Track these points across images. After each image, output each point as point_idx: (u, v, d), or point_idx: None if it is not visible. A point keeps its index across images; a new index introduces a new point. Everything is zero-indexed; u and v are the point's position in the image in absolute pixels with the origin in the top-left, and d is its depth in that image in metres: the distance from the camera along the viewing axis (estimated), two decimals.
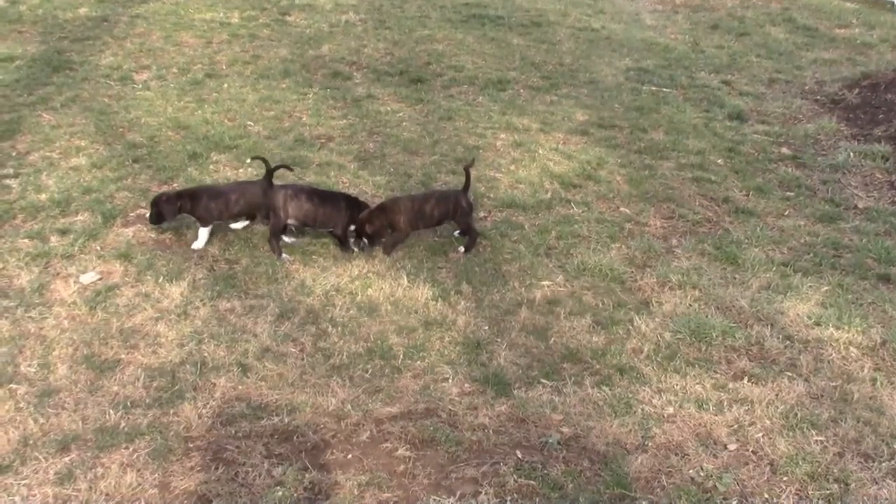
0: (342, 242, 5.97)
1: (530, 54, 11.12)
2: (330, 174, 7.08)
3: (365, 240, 5.89)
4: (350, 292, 5.48)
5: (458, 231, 6.21)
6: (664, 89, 10.04)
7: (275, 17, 12.03)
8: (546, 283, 5.75)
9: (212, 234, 6.04)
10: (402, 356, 4.89)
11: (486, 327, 5.21)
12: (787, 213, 7.03)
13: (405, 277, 5.64)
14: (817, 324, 5.32)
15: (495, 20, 12.75)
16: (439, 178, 7.22)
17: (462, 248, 6.05)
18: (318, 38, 11.17)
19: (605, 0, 15.41)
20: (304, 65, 10.01)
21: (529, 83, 9.93)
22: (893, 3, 16.43)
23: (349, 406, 4.44)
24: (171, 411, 4.34)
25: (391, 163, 7.45)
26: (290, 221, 5.90)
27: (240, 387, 4.56)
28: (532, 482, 3.98)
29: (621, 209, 6.90)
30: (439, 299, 5.45)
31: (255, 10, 12.28)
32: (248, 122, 8.13)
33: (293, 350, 4.89)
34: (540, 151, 7.86)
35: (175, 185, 6.76)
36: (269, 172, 5.93)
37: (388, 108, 8.80)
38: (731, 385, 4.72)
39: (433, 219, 6.02)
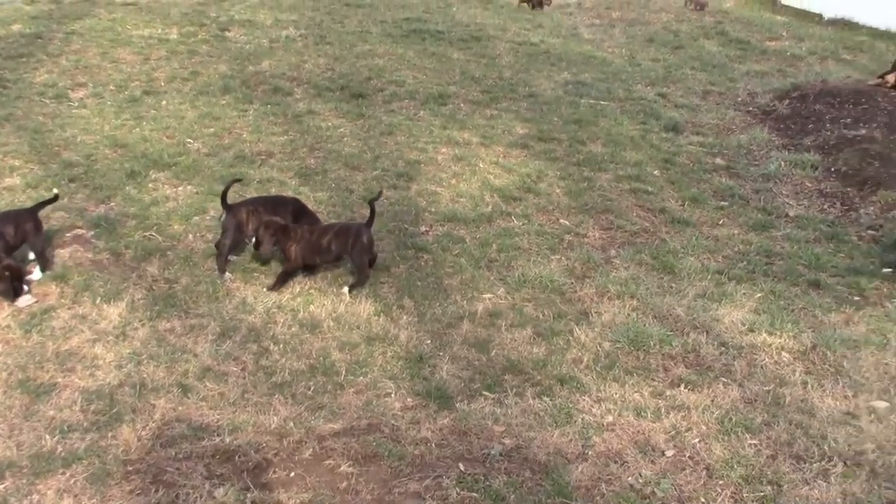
0: None
1: (470, 69, 11.23)
2: (271, 191, 7.05)
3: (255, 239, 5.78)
4: (292, 309, 5.47)
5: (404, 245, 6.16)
6: (602, 102, 10.22)
7: (214, 33, 11.97)
8: (487, 295, 5.80)
9: (150, 254, 5.99)
10: (344, 372, 4.89)
11: (429, 341, 5.24)
12: (721, 222, 7.20)
13: (347, 294, 5.65)
14: (751, 330, 5.46)
15: (435, 35, 12.86)
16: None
17: (347, 288, 5.71)
18: (258, 53, 11.13)
19: (544, 15, 15.65)
20: (244, 81, 9.97)
21: (470, 97, 10.03)
22: (822, 15, 16.94)
23: (291, 424, 4.43)
24: (110, 434, 4.28)
25: (332, 178, 7.46)
26: (250, 236, 5.89)
27: (180, 407, 4.52)
28: (475, 494, 4.01)
29: (561, 221, 7.00)
30: (381, 314, 5.47)
31: (194, 26, 12.20)
32: (188, 140, 8.07)
33: (234, 369, 4.87)
34: (480, 165, 7.93)
35: (112, 204, 6.69)
36: (225, 191, 5.90)
37: (329, 124, 8.81)
38: (668, 392, 4.81)
39: (330, 254, 5.75)
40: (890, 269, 6.43)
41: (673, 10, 16.77)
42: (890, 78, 10.31)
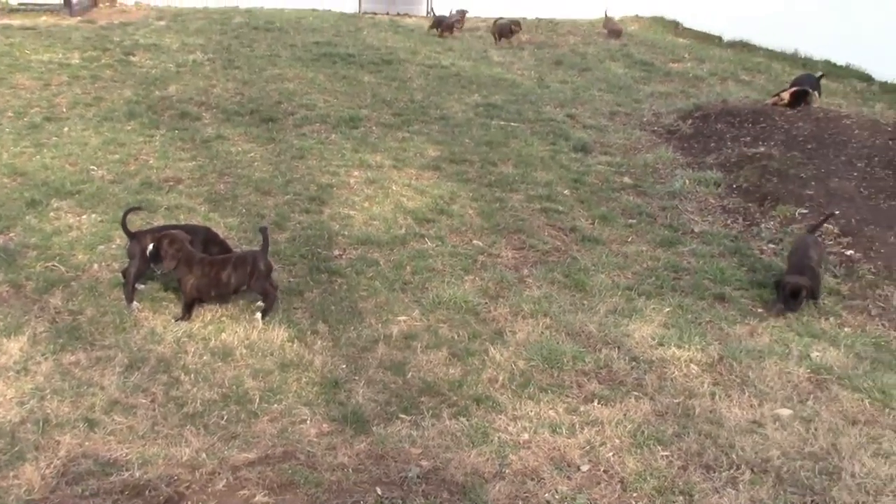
0: None
1: (382, 92, 11.26)
2: (180, 217, 6.92)
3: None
4: (203, 338, 5.37)
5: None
6: (512, 123, 10.37)
7: (118, 58, 11.73)
8: (402, 318, 5.80)
9: (53, 285, 5.81)
10: (258, 400, 4.81)
11: (344, 365, 5.20)
12: (630, 239, 7.36)
13: (260, 320, 5.57)
14: (660, 344, 5.58)
15: (346, 58, 12.86)
16: (293, 217, 7.19)
17: (260, 314, 5.61)
18: (164, 78, 10.95)
19: (453, 38, 15.82)
20: (150, 106, 9.78)
21: (381, 120, 10.05)
22: (721, 38, 17.55)
23: (204, 455, 4.33)
24: (11, 474, 4.11)
25: (243, 203, 7.36)
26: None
27: (86, 443, 4.37)
28: None
29: (474, 242, 7.05)
30: (295, 340, 5.41)
31: (96, 51, 11.94)
32: (91, 167, 7.86)
33: (144, 401, 4.74)
34: (393, 187, 7.95)
35: (12, 234, 6.46)
36: (124, 218, 5.75)
37: (239, 149, 8.70)
38: (582, 408, 4.88)
39: (230, 286, 5.57)
40: None
41: (580, 34, 17.16)
42: (784, 96, 10.75)
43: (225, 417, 4.65)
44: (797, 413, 4.93)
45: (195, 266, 5.52)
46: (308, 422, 4.66)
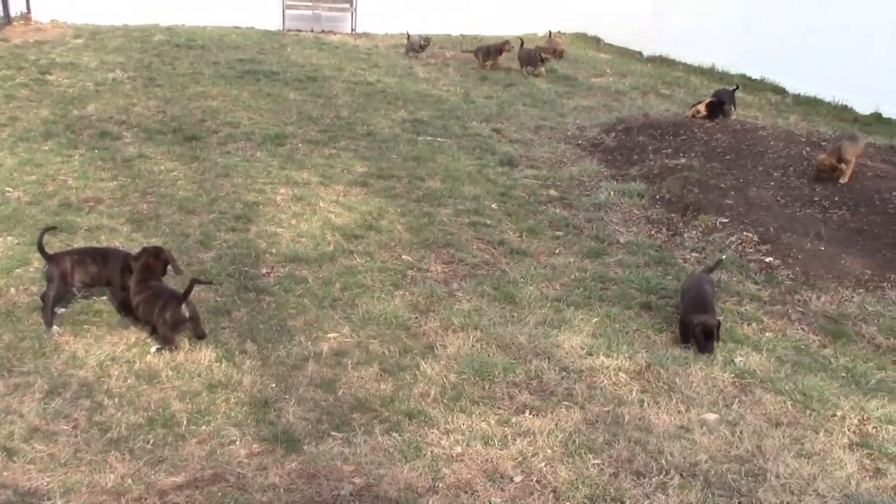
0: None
1: (307, 109, 11.20)
2: (101, 238, 6.76)
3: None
4: (127, 361, 5.23)
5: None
6: (439, 139, 10.41)
7: (34, 77, 11.43)
8: (332, 335, 5.75)
9: None
10: (185, 422, 4.71)
11: (274, 384, 5.12)
12: (557, 251, 7.44)
13: (186, 341, 5.46)
14: (589, 353, 5.65)
15: (270, 76, 12.76)
16: (218, 235, 7.08)
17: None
18: (82, 97, 10.70)
19: (379, 55, 15.84)
20: (68, 125, 9.54)
21: (308, 137, 9.99)
22: (642, 53, 17.95)
23: (130, 480, 4.21)
24: None
25: (167, 223, 7.22)
26: (77, 287, 5.60)
27: (5, 473, 4.21)
28: None
29: (403, 257, 7.05)
30: (223, 360, 5.31)
31: (10, 70, 11.61)
32: (7, 188, 7.63)
33: (65, 427, 4.59)
34: (321, 204, 7.89)
35: None
36: (40, 240, 5.57)
37: (162, 168, 8.54)
38: (514, 419, 4.90)
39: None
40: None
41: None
42: (700, 108, 11.04)
43: (151, 441, 4.53)
44: (723, 417, 5.04)
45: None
46: (238, 442, 4.57)
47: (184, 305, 5.36)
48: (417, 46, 15.88)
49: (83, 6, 16.20)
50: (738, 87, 12.16)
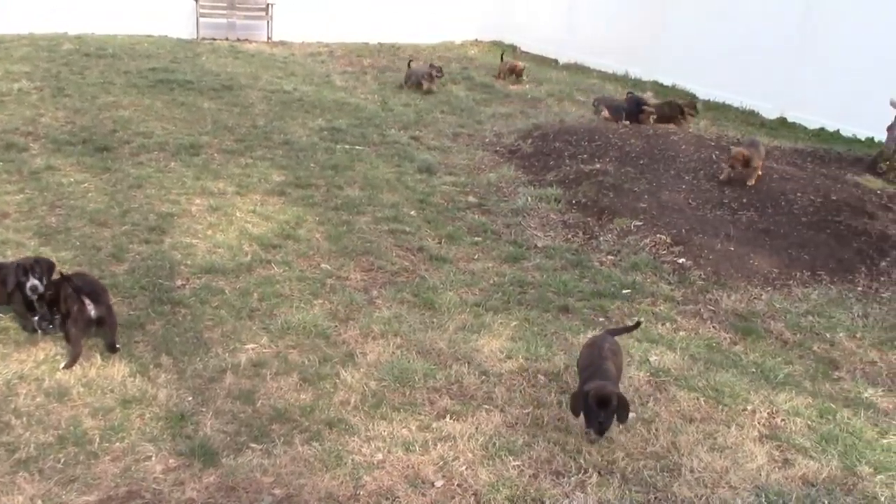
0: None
1: (223, 118, 11.05)
2: (7, 253, 6.53)
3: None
4: (36, 378, 5.06)
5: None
6: (357, 147, 10.39)
7: None
8: (251, 345, 5.67)
9: None
10: (98, 440, 4.58)
11: (190, 398, 5.02)
12: (476, 256, 7.50)
13: (98, 356, 5.31)
14: (509, 357, 5.71)
15: (184, 85, 12.55)
16: (131, 248, 6.92)
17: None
18: None
19: (296, 63, 15.73)
20: None
21: (223, 146, 9.85)
22: (557, 60, 18.24)
23: (40, 501, 4.08)
24: None
25: (77, 236, 7.03)
26: None
27: None
28: None
29: (322, 265, 7.00)
30: (137, 375, 5.19)
31: None
32: None
33: None
34: (237, 214, 7.79)
35: None
36: None
37: (71, 179, 8.31)
38: (434, 424, 4.91)
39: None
40: (628, 290, 6.96)
41: (421, 58, 17.39)
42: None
43: (62, 460, 4.40)
44: (639, 415, 5.14)
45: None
46: (153, 458, 4.47)
47: (91, 305, 5.23)
48: (419, 78, 14.09)
49: None
50: (649, 96, 12.45)
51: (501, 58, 15.23)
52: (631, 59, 16.60)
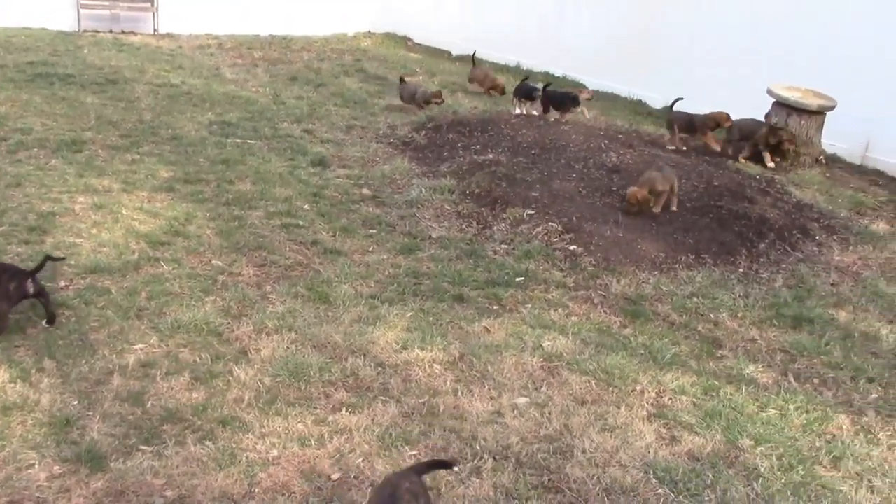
0: None
1: (107, 113, 10.70)
2: None
3: None
4: None
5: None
6: (249, 141, 10.22)
7: None
8: (139, 346, 5.53)
9: None
10: None
11: (76, 402, 4.87)
12: (371, 249, 7.48)
13: None
14: (404, 348, 5.73)
15: (65, 79, 12.11)
16: (10, 249, 6.64)
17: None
18: None
19: (184, 56, 15.35)
20: None
21: (108, 142, 9.54)
22: (451, 52, 18.32)
23: None
24: None
25: None
26: None
27: None
28: None
29: (213, 262, 6.87)
30: (18, 380, 4.99)
31: None
32: None
33: None
34: (124, 212, 7.57)
35: None
36: None
37: None
38: (330, 418, 4.90)
39: None
40: (522, 278, 7.08)
41: (314, 50, 17.23)
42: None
43: None
44: (533, 400, 5.24)
45: None
46: (36, 466, 4.31)
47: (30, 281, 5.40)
48: (412, 98, 12.56)
49: None
50: (548, 85, 12.59)
51: (473, 62, 14.57)
52: (523, 51, 16.81)
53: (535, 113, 11.90)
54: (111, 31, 17.40)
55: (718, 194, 8.89)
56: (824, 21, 11.89)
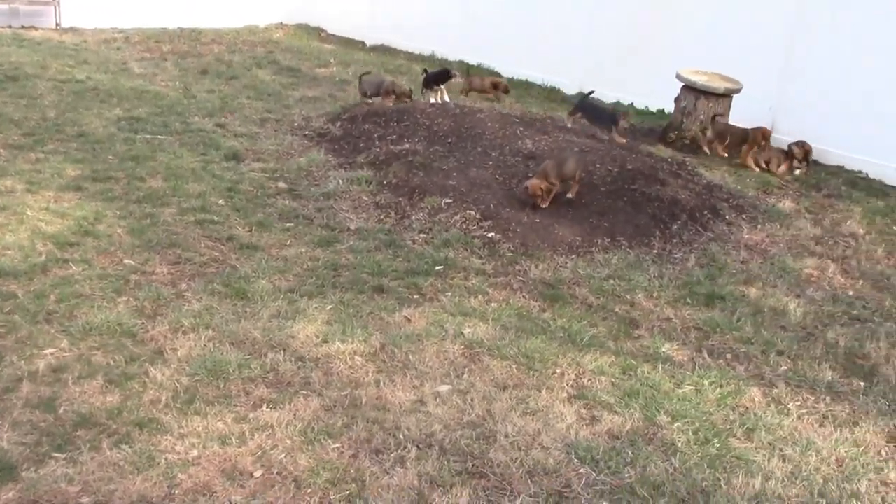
0: None
1: (8, 111, 10.32)
2: None
3: None
4: None
5: None
6: (159, 136, 9.98)
7: None
8: (49, 350, 5.35)
9: None
10: None
11: None
12: (289, 242, 7.39)
13: None
14: (325, 341, 5.68)
15: None
16: None
17: None
18: None
19: (89, 50, 14.92)
20: None
21: (9, 142, 9.20)
22: (365, 43, 18.22)
23: None
24: None
25: None
26: None
27: None
28: None
29: (125, 261, 6.70)
30: None
31: None
32: None
33: None
34: (28, 213, 7.31)
35: None
36: None
37: None
38: (251, 415, 4.83)
39: None
40: (441, 267, 7.09)
41: (224, 42, 16.92)
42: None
43: None
44: (455, 387, 5.26)
45: None
46: None
47: None
48: (378, 91, 11.84)
49: None
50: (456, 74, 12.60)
51: (467, 72, 14.00)
52: (437, 40, 16.83)
53: (433, 101, 11.87)
54: (10, 27, 16.77)
55: (632, 178, 9.06)
56: (728, 5, 12.24)
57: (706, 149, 10.92)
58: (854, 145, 10.93)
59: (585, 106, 11.61)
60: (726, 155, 10.81)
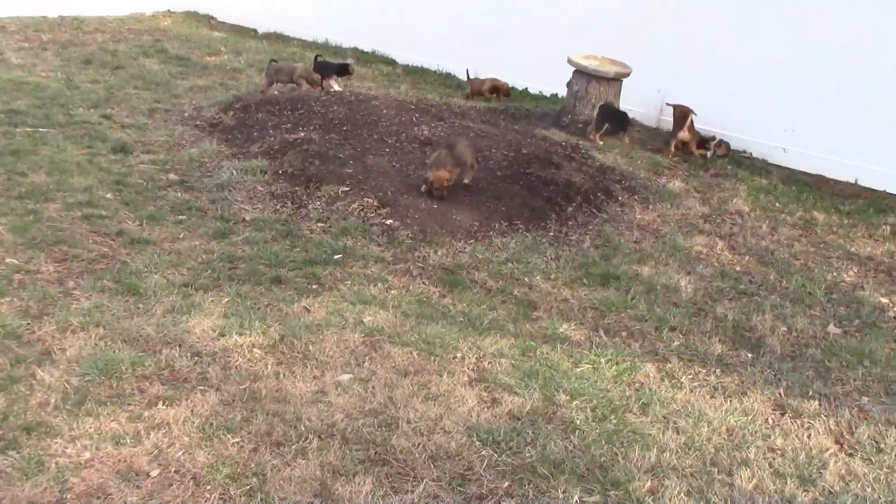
0: None
1: None
2: None
3: None
4: None
5: None
6: (41, 129, 9.55)
7: None
8: None
9: None
10: None
11: None
12: (182, 235, 7.21)
13: None
14: (222, 335, 5.57)
15: None
16: None
17: None
18: None
19: None
20: None
21: None
22: (257, 30, 17.88)
23: None
24: None
25: None
26: None
27: None
28: None
29: (7, 260, 6.41)
30: None
31: None
32: None
33: None
34: None
35: None
36: None
37: None
38: (146, 413, 4.71)
39: None
40: (340, 255, 7.04)
41: (109, 31, 16.31)
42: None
43: None
44: (356, 376, 5.25)
45: None
46: None
47: None
48: (291, 77, 11.66)
49: None
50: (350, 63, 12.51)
51: (467, 76, 13.51)
52: (330, 27, 16.64)
53: (337, 88, 11.76)
54: None
55: (527, 162, 9.18)
56: None
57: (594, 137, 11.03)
58: (738, 126, 11.35)
59: (605, 113, 11.00)
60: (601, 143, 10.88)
